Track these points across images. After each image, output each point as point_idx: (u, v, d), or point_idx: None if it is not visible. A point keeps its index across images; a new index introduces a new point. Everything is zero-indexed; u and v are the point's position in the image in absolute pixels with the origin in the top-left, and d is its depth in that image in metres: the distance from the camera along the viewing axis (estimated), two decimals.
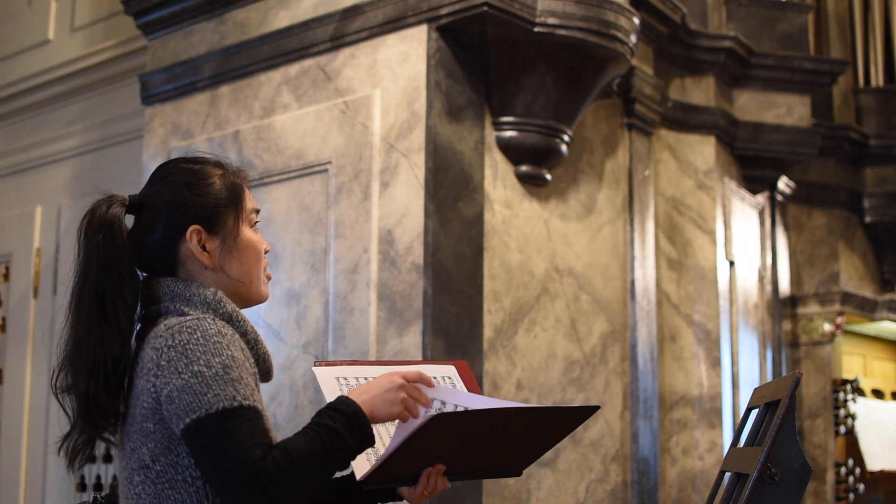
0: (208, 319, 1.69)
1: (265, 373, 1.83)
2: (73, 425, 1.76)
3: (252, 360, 1.74)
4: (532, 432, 1.82)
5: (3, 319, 5.05)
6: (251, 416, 1.62)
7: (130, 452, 1.71)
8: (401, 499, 1.89)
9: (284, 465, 1.58)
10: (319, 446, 1.62)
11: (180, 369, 1.63)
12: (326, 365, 1.93)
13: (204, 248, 1.80)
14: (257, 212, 1.91)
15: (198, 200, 1.81)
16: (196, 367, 1.63)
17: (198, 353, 1.64)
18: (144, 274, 1.84)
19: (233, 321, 1.77)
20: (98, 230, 1.77)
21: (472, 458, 1.83)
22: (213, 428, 1.60)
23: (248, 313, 2.06)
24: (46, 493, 4.66)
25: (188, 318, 1.69)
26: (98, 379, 1.72)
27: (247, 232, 1.85)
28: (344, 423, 1.65)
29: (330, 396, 1.84)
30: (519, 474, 1.91)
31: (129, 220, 1.83)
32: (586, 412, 1.82)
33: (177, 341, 1.66)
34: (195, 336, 1.65)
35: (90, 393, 1.72)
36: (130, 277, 1.77)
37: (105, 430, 1.76)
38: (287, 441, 1.63)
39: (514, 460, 1.89)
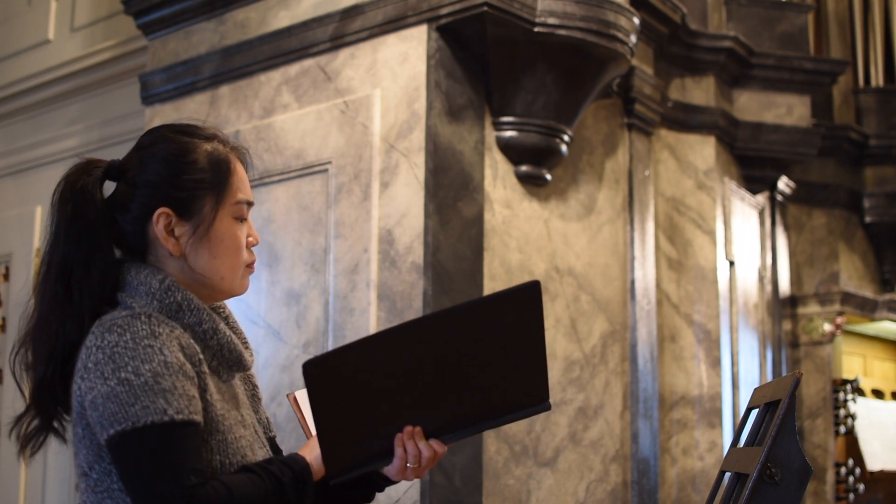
0: (142, 318, 1.52)
1: (233, 363, 1.66)
2: (27, 408, 1.65)
3: (200, 358, 1.57)
4: (490, 344, 1.56)
5: (3, 319, 5.05)
6: (185, 434, 1.47)
7: (74, 456, 1.59)
8: (393, 482, 1.70)
9: (224, 501, 1.46)
10: (261, 493, 1.51)
11: (106, 374, 1.48)
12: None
13: (173, 232, 1.63)
14: (249, 204, 1.69)
15: (173, 180, 1.62)
16: (123, 374, 1.47)
17: (126, 359, 1.48)
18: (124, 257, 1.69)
19: (182, 311, 1.59)
20: (69, 199, 1.63)
21: (448, 406, 1.59)
22: (141, 444, 1.45)
23: (247, 310, 1.99)
24: (46, 493, 4.66)
25: (121, 315, 1.53)
26: (56, 363, 1.59)
27: (225, 222, 1.65)
28: (290, 479, 1.54)
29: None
30: (546, 405, 1.62)
31: (111, 188, 1.70)
32: (527, 292, 1.55)
33: (105, 342, 1.50)
34: (124, 338, 1.50)
35: (46, 378, 1.60)
36: (100, 255, 1.61)
37: (56, 420, 1.64)
38: (230, 478, 1.51)
39: (519, 390, 1.61)
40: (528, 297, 1.56)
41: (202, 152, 1.66)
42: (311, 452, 1.60)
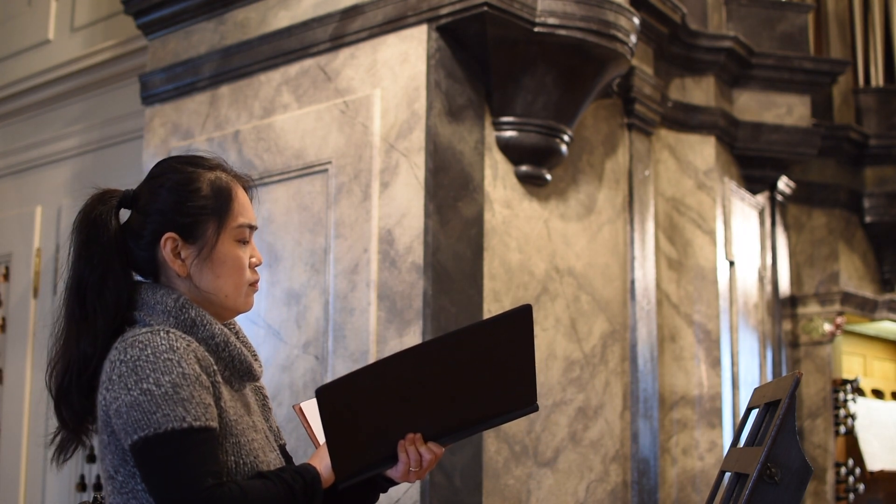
0: (161, 334, 1.65)
1: (244, 373, 1.79)
2: None
3: (214, 369, 1.69)
4: (486, 360, 1.69)
5: (3, 319, 5.05)
6: (203, 439, 1.60)
7: (100, 461, 1.71)
8: (394, 483, 1.81)
9: (239, 502, 1.58)
10: (274, 498, 1.62)
11: (129, 385, 1.61)
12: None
13: (180, 255, 1.76)
14: (251, 228, 1.82)
15: (178, 207, 1.76)
16: (145, 385, 1.60)
17: (147, 371, 1.61)
18: (141, 279, 1.82)
19: (196, 326, 1.73)
20: (85, 226, 1.77)
21: (446, 413, 1.71)
22: (162, 448, 1.58)
23: (249, 313, 2.00)
24: (46, 493, 4.66)
25: (142, 332, 1.66)
26: (72, 376, 1.72)
27: (227, 245, 1.78)
28: (301, 486, 1.66)
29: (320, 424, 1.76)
30: (533, 406, 1.76)
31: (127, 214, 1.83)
32: (520, 315, 1.69)
33: (128, 356, 1.63)
34: (145, 353, 1.62)
35: (63, 388, 1.73)
36: (114, 278, 1.74)
37: (76, 429, 1.76)
38: (245, 482, 1.63)
39: (510, 396, 1.74)
40: (521, 320, 1.70)
41: (205, 181, 1.79)
42: (321, 462, 1.71)
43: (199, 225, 1.76)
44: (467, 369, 1.69)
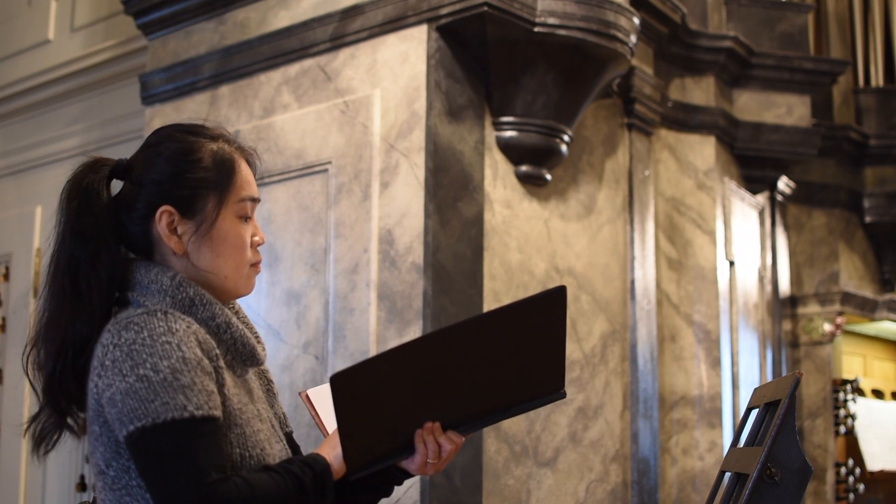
0: (158, 315, 1.52)
1: (247, 357, 1.67)
2: (42, 407, 1.64)
3: (216, 353, 1.56)
4: (515, 344, 1.58)
5: (3, 319, 5.05)
6: (206, 430, 1.47)
7: (90, 455, 1.58)
8: (410, 475, 1.69)
9: (246, 497, 1.45)
10: (282, 492, 1.50)
11: (125, 371, 1.48)
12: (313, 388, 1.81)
13: (176, 230, 1.63)
14: (254, 200, 1.69)
15: (176, 178, 1.62)
16: (142, 371, 1.47)
17: (144, 356, 1.48)
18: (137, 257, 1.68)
19: (196, 306, 1.60)
20: (74, 196, 1.64)
21: (468, 400, 1.60)
22: (162, 439, 1.45)
23: (247, 309, 1.96)
24: (46, 493, 4.66)
25: (137, 313, 1.53)
26: (66, 359, 1.59)
27: (228, 220, 1.64)
28: (311, 478, 1.54)
29: (329, 412, 1.65)
30: (561, 393, 1.64)
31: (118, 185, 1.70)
32: (554, 297, 1.57)
33: (122, 340, 1.50)
34: (141, 335, 1.49)
35: (56, 374, 1.60)
36: (107, 253, 1.61)
37: (70, 417, 1.63)
38: (251, 475, 1.50)
39: (537, 381, 1.63)
40: (554, 302, 1.59)
41: (207, 151, 1.66)
42: (332, 452, 1.59)
43: (199, 198, 1.63)
44: (494, 354, 1.57)
